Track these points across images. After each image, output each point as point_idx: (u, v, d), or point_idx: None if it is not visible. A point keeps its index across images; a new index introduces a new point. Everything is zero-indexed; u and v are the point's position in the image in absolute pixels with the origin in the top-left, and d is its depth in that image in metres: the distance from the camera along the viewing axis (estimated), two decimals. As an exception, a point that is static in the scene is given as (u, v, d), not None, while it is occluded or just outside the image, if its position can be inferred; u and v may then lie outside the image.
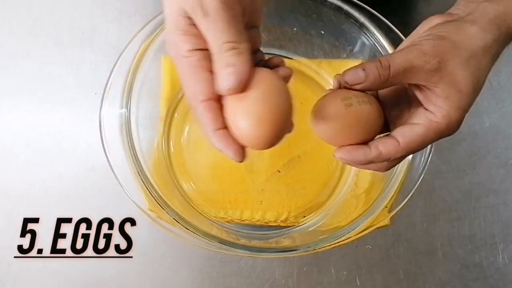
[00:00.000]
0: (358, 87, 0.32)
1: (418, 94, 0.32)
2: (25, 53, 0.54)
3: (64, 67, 0.54)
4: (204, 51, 0.29)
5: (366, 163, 0.32)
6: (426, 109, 0.31)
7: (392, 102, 0.36)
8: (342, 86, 0.33)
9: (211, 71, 0.29)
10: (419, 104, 0.32)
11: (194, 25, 0.28)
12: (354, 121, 0.32)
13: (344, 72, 0.32)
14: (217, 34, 0.28)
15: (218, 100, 0.29)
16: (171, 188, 0.51)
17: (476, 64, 0.30)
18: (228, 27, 0.28)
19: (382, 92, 0.36)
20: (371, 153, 0.32)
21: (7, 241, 0.50)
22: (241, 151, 0.29)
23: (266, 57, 0.35)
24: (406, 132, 0.31)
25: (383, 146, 0.32)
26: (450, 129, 0.31)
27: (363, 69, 0.31)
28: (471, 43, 0.31)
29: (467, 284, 0.52)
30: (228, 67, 0.28)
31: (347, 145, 0.33)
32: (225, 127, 0.29)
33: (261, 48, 0.35)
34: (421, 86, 0.31)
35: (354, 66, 0.32)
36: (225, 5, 0.27)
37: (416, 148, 0.31)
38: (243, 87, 0.28)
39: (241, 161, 0.29)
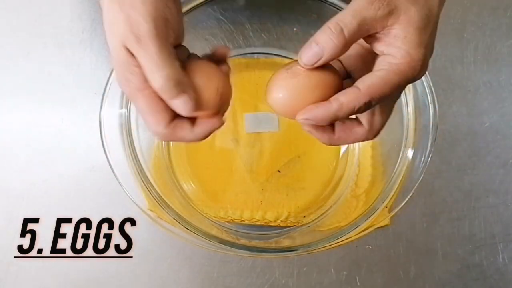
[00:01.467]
0: (319, 63, 0.31)
1: (377, 44, 0.31)
2: (25, 53, 0.54)
3: (64, 67, 0.54)
4: None
5: (330, 119, 0.31)
6: (386, 54, 0.30)
7: (359, 68, 0.35)
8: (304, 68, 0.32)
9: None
10: (381, 54, 0.31)
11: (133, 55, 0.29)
12: (305, 85, 0.31)
13: (300, 53, 0.31)
14: (153, 63, 0.29)
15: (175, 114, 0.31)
16: (171, 188, 0.51)
17: (428, 10, 0.30)
18: (161, 52, 0.29)
19: (346, 62, 0.35)
20: (332, 105, 0.30)
21: (7, 241, 0.50)
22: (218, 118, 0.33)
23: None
24: (366, 78, 0.30)
25: (344, 96, 0.30)
26: (413, 68, 0.29)
27: (317, 44, 0.30)
28: None
29: (467, 284, 0.52)
30: (177, 97, 0.30)
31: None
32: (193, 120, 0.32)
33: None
34: (379, 35, 0.30)
35: (307, 42, 0.31)
36: (155, 31, 0.29)
37: (379, 92, 0.30)
38: (197, 105, 0.31)
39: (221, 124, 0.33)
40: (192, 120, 0.32)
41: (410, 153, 0.47)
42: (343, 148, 0.54)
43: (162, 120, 0.31)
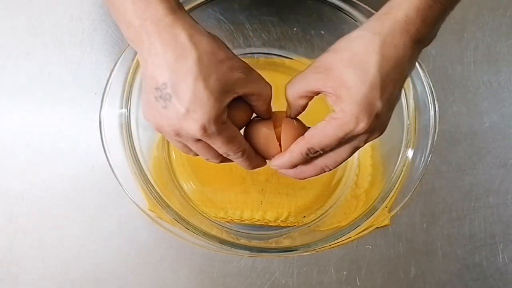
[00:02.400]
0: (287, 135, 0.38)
1: (327, 100, 0.34)
2: (25, 53, 0.54)
3: (64, 67, 0.54)
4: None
5: (290, 164, 0.37)
6: (332, 110, 0.34)
7: None
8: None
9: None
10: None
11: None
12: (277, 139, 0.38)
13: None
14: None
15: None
16: (171, 188, 0.51)
17: (359, 60, 0.32)
18: (227, 142, 0.34)
19: None
20: (285, 155, 0.37)
21: (7, 241, 0.50)
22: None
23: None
24: (312, 128, 0.35)
25: (294, 145, 0.36)
26: (347, 124, 0.33)
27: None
28: (352, 45, 0.33)
29: (467, 284, 0.52)
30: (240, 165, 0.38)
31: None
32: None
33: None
34: (324, 93, 0.34)
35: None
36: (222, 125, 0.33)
37: (317, 141, 0.34)
38: (260, 164, 0.39)
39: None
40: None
41: (410, 153, 0.47)
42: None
43: (214, 153, 0.36)
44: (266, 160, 0.40)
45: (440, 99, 0.47)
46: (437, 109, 0.46)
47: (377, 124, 0.34)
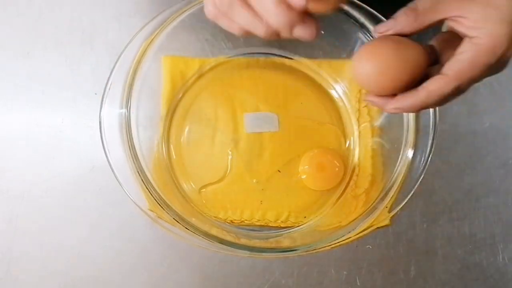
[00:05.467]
0: (390, 32, 0.32)
1: (459, 27, 0.31)
2: (25, 53, 0.54)
3: (64, 67, 0.54)
4: None
5: (419, 107, 0.32)
6: (470, 37, 0.30)
7: (448, 53, 0.34)
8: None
9: None
10: (464, 37, 0.31)
11: None
12: (399, 62, 0.32)
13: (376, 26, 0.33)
14: None
15: None
16: (171, 188, 0.51)
17: None
18: None
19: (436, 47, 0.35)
20: (420, 94, 0.31)
21: (7, 241, 0.50)
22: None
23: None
24: (453, 64, 0.30)
25: (432, 83, 0.31)
26: (499, 45, 0.29)
27: (393, 18, 0.32)
28: None
29: (467, 284, 0.52)
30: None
31: (387, 90, 0.32)
32: None
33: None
34: (457, 18, 0.30)
35: None
36: None
37: (468, 75, 0.30)
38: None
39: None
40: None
41: (410, 153, 0.47)
42: (344, 148, 0.54)
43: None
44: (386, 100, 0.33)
45: (440, 99, 0.47)
46: (437, 109, 0.46)
47: None
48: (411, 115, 0.47)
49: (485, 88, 0.56)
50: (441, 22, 0.32)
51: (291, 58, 0.55)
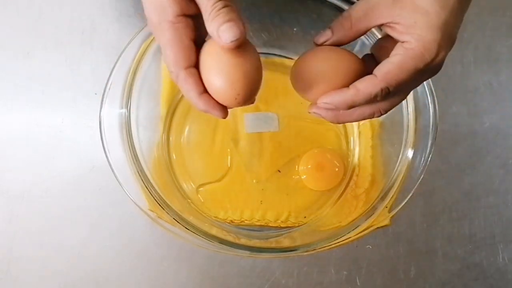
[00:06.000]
0: (328, 42, 0.33)
1: (392, 33, 0.31)
2: (25, 53, 0.54)
3: (64, 67, 0.54)
4: (189, 19, 0.30)
5: (348, 104, 0.32)
6: (402, 42, 0.31)
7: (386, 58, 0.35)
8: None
9: (193, 40, 0.30)
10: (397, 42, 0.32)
11: None
12: (333, 72, 0.32)
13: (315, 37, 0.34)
14: None
15: (197, 67, 0.31)
16: (171, 188, 0.51)
17: None
18: None
19: (376, 54, 0.36)
20: (349, 91, 0.31)
21: (7, 241, 0.50)
22: (225, 110, 0.32)
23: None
24: (382, 65, 0.31)
25: (360, 82, 0.31)
26: (429, 51, 0.30)
27: (329, 28, 0.33)
28: None
29: (467, 284, 0.52)
30: (228, 22, 0.28)
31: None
32: (206, 91, 0.31)
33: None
34: (390, 24, 0.31)
35: None
36: None
37: (395, 78, 0.30)
38: (244, 38, 0.29)
39: (225, 118, 0.32)
40: (203, 85, 0.32)
41: (410, 153, 0.47)
42: (344, 148, 0.54)
43: (182, 59, 0.30)
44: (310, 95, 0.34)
45: (440, 99, 0.47)
46: (437, 109, 0.46)
47: (444, 59, 0.31)
48: (411, 115, 0.47)
49: (485, 88, 0.56)
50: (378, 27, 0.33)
51: (291, 58, 0.55)
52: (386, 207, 0.46)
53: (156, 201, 0.45)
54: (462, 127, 0.55)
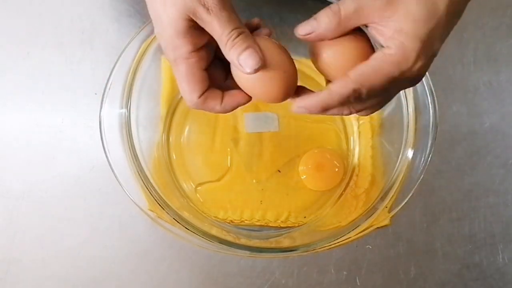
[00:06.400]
0: (312, 36, 0.32)
1: (376, 35, 0.31)
2: (25, 53, 0.54)
3: (64, 67, 0.54)
4: (201, 51, 0.32)
5: (322, 107, 0.32)
6: (383, 46, 0.31)
7: None
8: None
9: (205, 70, 0.33)
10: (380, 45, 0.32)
11: (193, 26, 0.31)
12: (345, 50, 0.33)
13: (297, 26, 0.33)
14: (224, 24, 0.30)
15: (214, 86, 0.34)
16: (171, 188, 0.51)
17: (432, 1, 0.30)
18: (230, 17, 0.31)
19: None
20: (322, 94, 0.31)
21: (7, 241, 0.50)
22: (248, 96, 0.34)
23: None
24: (358, 67, 0.31)
25: (334, 83, 0.31)
26: (406, 59, 0.30)
27: (315, 19, 0.32)
28: None
29: (467, 284, 0.52)
30: (246, 50, 0.30)
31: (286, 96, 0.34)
32: (222, 97, 0.34)
33: None
34: (377, 26, 0.31)
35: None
36: (222, 1, 0.30)
37: (368, 80, 0.30)
38: (264, 63, 0.31)
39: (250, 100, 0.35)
40: (222, 93, 0.34)
41: (410, 153, 0.47)
42: (344, 148, 0.54)
43: (197, 90, 0.33)
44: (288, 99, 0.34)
45: (440, 99, 0.47)
46: (437, 109, 0.46)
47: (425, 69, 0.31)
48: (411, 115, 0.47)
49: (485, 88, 0.56)
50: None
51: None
52: (386, 207, 0.46)
53: (156, 201, 0.45)
54: (462, 127, 0.55)
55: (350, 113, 0.34)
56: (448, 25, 0.31)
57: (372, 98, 0.32)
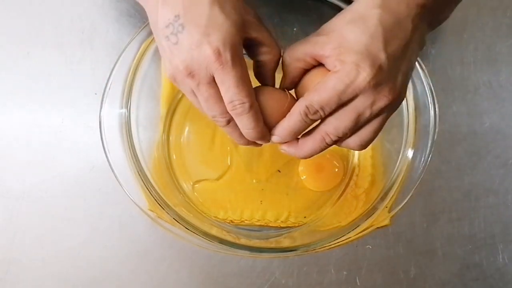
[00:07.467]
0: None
1: (326, 63, 0.33)
2: (25, 53, 0.54)
3: (64, 67, 0.54)
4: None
5: (290, 130, 0.35)
6: (329, 68, 0.33)
7: None
8: None
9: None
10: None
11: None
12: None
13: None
14: (237, 84, 0.32)
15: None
16: (171, 188, 0.51)
17: (360, 16, 0.32)
18: (238, 82, 0.32)
19: None
20: (286, 118, 0.35)
21: (7, 241, 0.50)
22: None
23: None
24: (310, 89, 0.33)
25: (293, 107, 0.34)
26: (348, 73, 0.31)
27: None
28: (353, 6, 0.33)
29: (467, 284, 0.52)
30: (244, 114, 0.33)
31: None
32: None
33: None
34: (326, 57, 0.33)
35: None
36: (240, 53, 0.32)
37: (318, 96, 0.32)
38: (264, 134, 0.35)
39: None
40: None
41: (410, 153, 0.47)
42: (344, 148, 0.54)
43: (222, 108, 0.34)
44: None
45: (440, 99, 0.47)
46: (437, 109, 0.46)
47: (382, 80, 0.32)
48: (411, 115, 0.47)
49: (485, 88, 0.56)
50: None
51: (291, 58, 0.54)
52: (386, 207, 0.46)
53: (156, 201, 0.45)
54: (462, 127, 0.55)
55: (323, 140, 0.35)
56: (390, 37, 0.32)
57: (333, 117, 0.33)
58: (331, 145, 0.35)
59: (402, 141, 0.48)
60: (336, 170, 0.53)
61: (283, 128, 0.35)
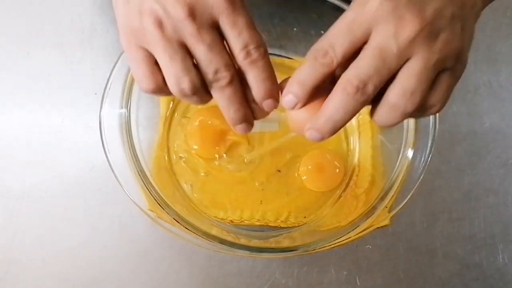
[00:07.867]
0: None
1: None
2: (25, 53, 0.54)
3: (64, 67, 0.54)
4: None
5: (298, 82, 0.31)
6: None
7: None
8: None
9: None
10: None
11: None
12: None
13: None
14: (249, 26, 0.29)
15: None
16: (171, 188, 0.51)
17: None
18: (252, 25, 0.30)
19: None
20: (298, 70, 0.31)
21: (7, 241, 0.50)
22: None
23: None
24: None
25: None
26: (361, 5, 0.27)
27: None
28: None
29: (467, 284, 0.52)
30: (255, 83, 0.32)
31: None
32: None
33: None
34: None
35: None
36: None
37: (325, 35, 0.29)
38: (277, 89, 0.32)
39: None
40: None
41: (410, 153, 0.47)
42: (344, 148, 0.54)
43: (227, 59, 0.30)
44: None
45: (440, 99, 0.47)
46: (437, 109, 0.46)
47: (400, 3, 0.27)
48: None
49: (485, 88, 0.56)
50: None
51: (291, 58, 0.54)
52: (386, 207, 0.46)
53: (156, 201, 0.45)
54: (462, 127, 0.55)
55: (355, 92, 0.28)
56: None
57: (356, 59, 0.29)
58: (361, 102, 0.29)
59: (402, 141, 0.48)
60: (337, 171, 0.53)
61: (293, 79, 0.30)
